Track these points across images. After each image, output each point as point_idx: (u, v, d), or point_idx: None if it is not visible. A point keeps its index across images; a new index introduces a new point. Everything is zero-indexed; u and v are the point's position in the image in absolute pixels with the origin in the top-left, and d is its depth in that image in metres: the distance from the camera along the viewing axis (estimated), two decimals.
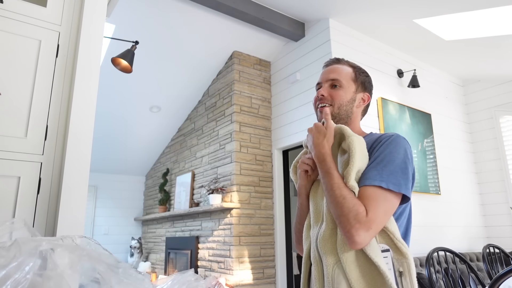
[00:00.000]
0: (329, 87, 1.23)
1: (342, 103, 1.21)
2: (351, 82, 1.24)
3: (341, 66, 1.27)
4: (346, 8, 3.47)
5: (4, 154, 1.64)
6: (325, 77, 1.24)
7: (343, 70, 1.25)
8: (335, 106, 1.20)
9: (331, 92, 1.22)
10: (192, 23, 3.72)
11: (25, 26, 1.81)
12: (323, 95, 1.21)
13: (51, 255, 0.66)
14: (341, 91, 1.21)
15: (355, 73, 1.26)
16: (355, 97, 1.24)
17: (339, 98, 1.21)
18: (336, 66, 1.26)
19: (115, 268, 0.70)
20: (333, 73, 1.24)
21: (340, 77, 1.23)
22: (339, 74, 1.23)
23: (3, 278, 0.62)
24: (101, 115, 4.75)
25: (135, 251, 5.42)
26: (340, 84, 1.22)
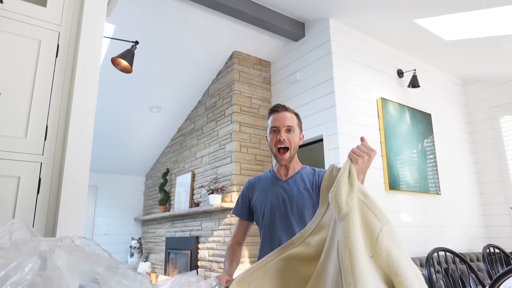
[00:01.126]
0: (286, 132, 1.56)
1: (295, 145, 1.58)
2: (297, 127, 1.61)
3: (290, 114, 1.60)
4: (346, 8, 3.47)
5: (4, 154, 1.64)
6: (282, 124, 1.56)
7: (293, 117, 1.60)
8: (291, 148, 1.56)
9: (288, 136, 1.55)
10: (192, 23, 3.72)
11: (25, 26, 1.81)
12: (284, 139, 1.54)
13: (50, 255, 0.66)
14: (295, 135, 1.58)
15: (298, 119, 1.63)
16: (299, 138, 1.62)
17: (294, 141, 1.57)
18: (287, 114, 1.59)
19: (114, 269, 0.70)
20: (288, 120, 1.57)
21: (293, 124, 1.58)
22: (292, 121, 1.59)
23: (3, 279, 0.62)
24: (101, 115, 4.75)
25: (135, 251, 5.42)
26: (293, 130, 1.58)
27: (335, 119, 3.39)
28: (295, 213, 1.54)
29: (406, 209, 3.69)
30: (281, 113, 1.59)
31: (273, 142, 1.58)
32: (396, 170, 3.65)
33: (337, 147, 3.32)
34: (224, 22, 3.75)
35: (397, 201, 3.63)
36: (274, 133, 1.58)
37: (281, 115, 1.59)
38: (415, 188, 3.78)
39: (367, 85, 3.76)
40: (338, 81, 3.50)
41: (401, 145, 3.79)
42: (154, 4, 3.46)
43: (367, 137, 3.58)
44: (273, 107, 1.63)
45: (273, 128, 1.58)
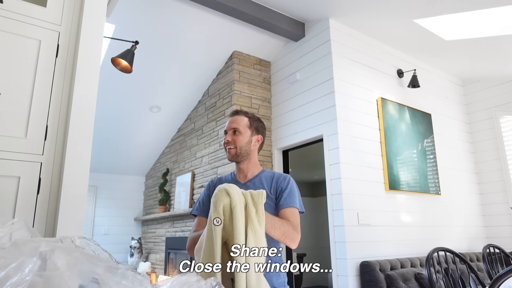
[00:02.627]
0: (232, 134, 1.67)
1: (241, 145, 1.65)
2: (247, 128, 1.68)
3: (239, 116, 1.70)
4: (346, 8, 3.47)
5: (4, 154, 1.64)
6: (229, 127, 1.68)
7: (241, 120, 1.68)
8: (237, 147, 1.65)
9: (233, 137, 1.66)
10: (192, 23, 3.72)
11: (25, 26, 1.81)
12: (228, 140, 1.66)
13: (50, 256, 0.66)
14: (240, 136, 1.66)
15: (249, 121, 1.70)
16: (251, 139, 1.68)
17: (239, 142, 1.65)
18: (236, 117, 1.69)
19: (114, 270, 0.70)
20: (234, 123, 1.67)
21: (239, 126, 1.67)
22: (238, 123, 1.67)
23: (3, 279, 0.62)
24: (101, 115, 4.75)
25: (135, 251, 5.42)
26: (239, 131, 1.66)
27: (335, 119, 3.39)
28: None
29: (406, 209, 3.69)
30: (232, 117, 1.71)
31: (224, 144, 1.70)
32: (396, 170, 3.65)
33: (337, 147, 3.32)
34: (224, 22, 3.75)
35: (397, 201, 3.63)
36: (225, 134, 1.71)
37: (230, 119, 1.71)
38: (415, 188, 3.78)
39: (367, 85, 3.76)
40: (338, 81, 3.50)
41: (401, 145, 3.79)
42: (154, 4, 3.46)
43: (367, 137, 3.58)
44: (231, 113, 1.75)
45: (225, 131, 1.72)
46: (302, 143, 3.83)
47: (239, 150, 1.65)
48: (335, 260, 3.16)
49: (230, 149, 1.66)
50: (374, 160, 3.56)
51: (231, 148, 1.66)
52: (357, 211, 3.26)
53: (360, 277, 3.07)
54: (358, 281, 3.08)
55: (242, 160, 1.68)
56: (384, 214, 3.48)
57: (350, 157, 3.37)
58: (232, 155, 1.66)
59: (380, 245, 3.36)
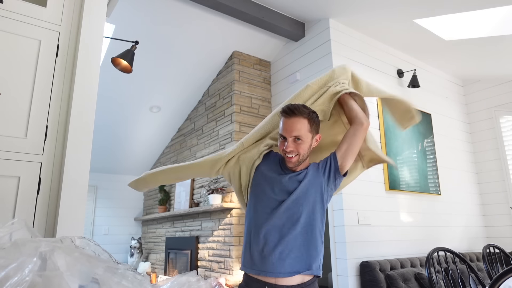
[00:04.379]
0: (293, 141, 1.53)
1: (304, 152, 1.56)
2: (309, 133, 1.56)
3: (299, 119, 1.53)
4: (346, 8, 3.47)
5: (4, 154, 1.64)
6: (289, 134, 1.53)
7: (302, 125, 1.53)
8: (300, 155, 1.55)
9: (296, 146, 1.53)
10: (192, 23, 3.72)
11: (25, 26, 1.81)
12: (291, 150, 1.53)
13: (50, 256, 0.66)
14: (303, 144, 1.54)
15: (309, 123, 1.55)
16: (312, 142, 1.59)
17: (302, 150, 1.55)
18: (295, 121, 1.53)
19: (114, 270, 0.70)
20: (295, 130, 1.53)
21: (300, 133, 1.53)
22: (299, 130, 1.53)
23: (3, 279, 0.62)
24: (101, 115, 4.75)
25: (135, 251, 5.42)
26: (302, 138, 1.53)
27: None
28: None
29: (406, 209, 3.69)
30: (290, 119, 1.54)
31: (280, 148, 1.58)
32: (396, 170, 3.65)
33: None
34: (224, 22, 3.75)
35: (397, 201, 3.63)
36: (283, 140, 1.56)
37: (289, 122, 1.54)
38: (415, 188, 3.78)
39: None
40: None
41: (401, 145, 3.79)
42: (154, 4, 3.46)
43: None
44: (283, 110, 1.57)
45: (281, 136, 1.57)
46: None
47: (301, 158, 1.56)
48: (335, 260, 3.16)
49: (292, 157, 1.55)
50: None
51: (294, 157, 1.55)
52: (357, 211, 3.26)
53: (360, 277, 3.07)
54: (358, 281, 3.08)
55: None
56: (384, 214, 3.48)
57: None
58: (297, 161, 1.56)
59: (380, 245, 3.36)
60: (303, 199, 1.53)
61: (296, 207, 1.52)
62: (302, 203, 1.53)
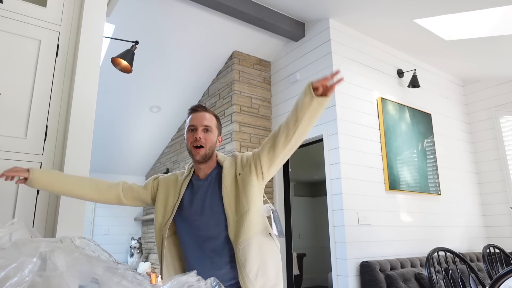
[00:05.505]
0: (203, 131, 1.56)
1: (211, 145, 1.58)
2: (216, 129, 1.61)
3: (209, 114, 1.60)
4: (346, 8, 3.47)
5: (4, 154, 1.64)
6: (199, 123, 1.56)
7: (212, 118, 1.60)
8: (207, 147, 1.55)
9: (205, 135, 1.56)
10: (192, 23, 3.72)
11: (25, 26, 1.81)
12: (200, 137, 1.54)
13: (50, 256, 0.66)
14: (212, 135, 1.58)
15: (216, 120, 1.63)
16: (217, 140, 1.62)
17: (210, 141, 1.57)
18: (206, 114, 1.59)
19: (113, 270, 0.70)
20: (206, 120, 1.57)
21: (211, 124, 1.58)
22: (210, 121, 1.58)
23: (3, 279, 0.62)
24: (101, 115, 4.75)
25: (135, 251, 5.42)
26: (211, 130, 1.57)
27: (335, 119, 3.39)
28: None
29: (406, 209, 3.69)
30: (200, 113, 1.59)
31: (189, 141, 1.57)
32: (396, 170, 3.65)
33: (337, 147, 3.32)
34: (224, 22, 3.75)
35: (397, 201, 3.63)
36: (191, 131, 1.57)
37: (199, 114, 1.58)
38: (415, 188, 3.78)
39: (367, 85, 3.76)
40: None
41: (401, 145, 3.79)
42: (154, 4, 3.46)
43: (367, 137, 3.58)
44: (192, 107, 1.62)
45: (191, 126, 1.58)
46: (302, 143, 3.82)
47: (208, 150, 1.56)
48: (335, 260, 3.16)
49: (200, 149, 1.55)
50: (374, 160, 3.56)
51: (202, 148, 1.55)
52: (357, 211, 3.26)
53: (360, 277, 3.07)
54: (358, 281, 3.08)
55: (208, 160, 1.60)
56: (384, 214, 3.48)
57: (350, 157, 3.37)
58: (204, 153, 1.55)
59: (380, 245, 3.36)
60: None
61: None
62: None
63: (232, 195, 1.53)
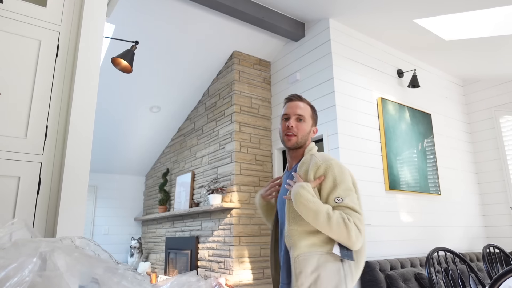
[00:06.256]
0: (296, 120, 1.58)
1: (304, 134, 1.58)
2: (310, 118, 1.62)
3: (303, 104, 1.62)
4: (346, 8, 3.47)
5: (4, 154, 1.64)
6: (293, 112, 1.59)
7: (306, 108, 1.61)
8: (299, 136, 1.57)
9: (297, 124, 1.57)
10: (192, 23, 3.72)
11: (25, 26, 1.81)
12: (292, 126, 1.56)
13: (50, 256, 0.66)
14: (304, 125, 1.58)
15: (312, 110, 1.64)
16: (311, 130, 1.62)
17: (302, 130, 1.58)
18: (300, 103, 1.61)
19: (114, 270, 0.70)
20: (299, 109, 1.59)
21: (304, 113, 1.59)
22: (304, 111, 1.59)
23: (3, 279, 0.62)
24: (101, 115, 4.75)
25: (135, 251, 5.42)
26: (304, 119, 1.58)
27: (335, 119, 3.39)
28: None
29: (406, 209, 3.69)
30: (294, 102, 1.61)
31: (283, 130, 1.59)
32: (396, 170, 3.65)
33: (337, 147, 3.32)
34: (224, 22, 3.75)
35: (397, 201, 3.63)
36: (285, 120, 1.60)
37: (293, 104, 1.60)
38: (415, 188, 3.78)
39: (367, 85, 3.76)
40: (338, 81, 3.50)
41: (401, 145, 3.79)
42: (154, 4, 3.46)
43: (367, 137, 3.58)
44: (288, 96, 1.64)
45: (284, 115, 1.60)
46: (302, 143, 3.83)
47: (300, 139, 1.57)
48: None
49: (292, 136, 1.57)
50: (374, 160, 3.56)
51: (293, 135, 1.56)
52: None
53: (360, 277, 3.07)
54: (358, 281, 3.08)
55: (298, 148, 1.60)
56: (384, 214, 3.48)
57: (350, 157, 3.37)
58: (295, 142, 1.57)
59: (380, 245, 3.36)
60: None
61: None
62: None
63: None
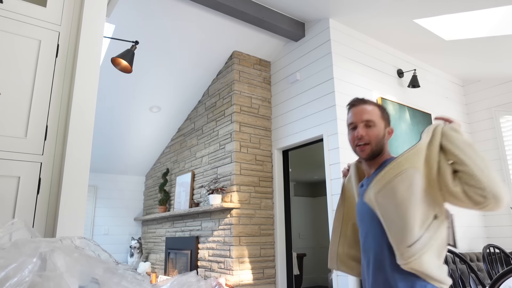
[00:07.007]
0: (364, 127, 1.37)
1: (378, 140, 1.37)
2: (381, 120, 1.40)
3: (370, 106, 1.41)
4: (346, 8, 3.47)
5: (4, 154, 1.64)
6: (359, 118, 1.38)
7: (374, 110, 1.40)
8: (372, 144, 1.36)
9: (367, 131, 1.37)
10: (192, 23, 3.72)
11: (25, 26, 1.81)
12: (362, 135, 1.36)
13: (50, 256, 0.66)
14: (376, 129, 1.38)
15: (380, 111, 1.41)
16: (385, 132, 1.40)
17: (375, 136, 1.37)
18: (365, 107, 1.40)
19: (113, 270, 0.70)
20: (366, 114, 1.38)
21: (373, 118, 1.38)
22: (371, 114, 1.38)
23: (3, 279, 0.62)
24: (101, 115, 4.75)
25: (135, 251, 5.42)
26: (374, 124, 1.37)
27: (335, 119, 3.39)
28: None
29: None
30: (358, 107, 1.41)
31: (352, 141, 1.41)
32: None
33: (337, 147, 3.32)
34: (224, 22, 3.75)
35: None
36: (352, 130, 1.41)
37: (357, 109, 1.41)
38: None
39: (367, 85, 3.76)
40: (338, 81, 3.50)
41: (401, 145, 3.78)
42: (154, 4, 3.46)
43: None
44: (350, 102, 1.45)
45: (350, 125, 1.42)
46: (302, 143, 3.83)
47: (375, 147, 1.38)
48: None
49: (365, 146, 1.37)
50: None
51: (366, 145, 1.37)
52: None
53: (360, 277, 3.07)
54: (358, 281, 3.08)
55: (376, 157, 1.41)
56: None
57: (350, 157, 3.37)
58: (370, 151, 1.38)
59: None
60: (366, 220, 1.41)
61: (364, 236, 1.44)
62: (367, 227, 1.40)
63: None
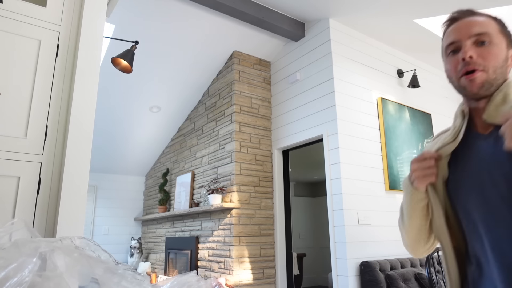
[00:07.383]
0: (474, 45, 0.89)
1: (497, 65, 0.87)
2: (501, 35, 0.90)
3: (482, 18, 0.92)
4: (346, 8, 3.47)
5: (4, 154, 1.64)
6: (466, 33, 0.90)
7: (488, 22, 0.91)
8: (489, 71, 0.87)
9: (480, 51, 0.88)
10: (192, 23, 3.72)
11: (25, 26, 1.81)
12: (471, 57, 0.87)
13: (50, 256, 0.66)
14: (493, 48, 0.88)
15: (500, 26, 0.92)
16: (508, 55, 0.90)
17: (493, 59, 0.87)
18: (474, 19, 0.91)
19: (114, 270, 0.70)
20: (477, 26, 0.89)
21: (488, 30, 0.89)
22: (486, 26, 0.89)
23: (3, 279, 0.62)
24: (101, 115, 4.75)
25: (135, 251, 5.42)
26: (490, 40, 0.88)
27: (335, 119, 3.39)
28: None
29: None
30: (465, 20, 0.93)
31: (454, 70, 0.92)
32: (396, 170, 3.65)
33: (337, 147, 3.32)
34: (224, 22, 3.75)
35: (397, 201, 3.63)
36: (453, 54, 0.92)
37: (464, 22, 0.93)
38: None
39: (367, 85, 3.76)
40: (338, 81, 3.50)
41: (401, 145, 3.79)
42: (154, 4, 3.46)
43: (367, 137, 3.58)
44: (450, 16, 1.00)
45: (450, 45, 0.93)
46: (302, 143, 3.83)
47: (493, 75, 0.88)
48: (335, 260, 3.16)
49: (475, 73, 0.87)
50: (374, 160, 3.56)
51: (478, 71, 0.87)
52: (357, 211, 3.26)
53: (360, 277, 3.07)
54: (358, 281, 3.08)
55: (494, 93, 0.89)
56: (384, 214, 3.48)
57: (350, 157, 3.37)
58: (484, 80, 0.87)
59: (380, 245, 3.36)
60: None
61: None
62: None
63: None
